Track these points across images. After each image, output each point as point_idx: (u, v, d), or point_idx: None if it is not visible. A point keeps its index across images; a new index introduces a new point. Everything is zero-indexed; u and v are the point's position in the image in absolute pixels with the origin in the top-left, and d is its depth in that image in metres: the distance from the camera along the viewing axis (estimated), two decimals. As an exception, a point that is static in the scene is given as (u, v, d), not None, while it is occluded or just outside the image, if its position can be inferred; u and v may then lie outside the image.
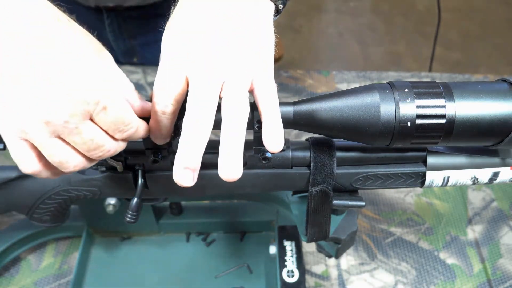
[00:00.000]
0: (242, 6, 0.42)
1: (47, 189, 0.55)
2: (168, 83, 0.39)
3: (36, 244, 0.76)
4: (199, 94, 0.38)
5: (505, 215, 0.84)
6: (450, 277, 0.76)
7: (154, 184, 0.52)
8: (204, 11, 0.41)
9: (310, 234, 0.55)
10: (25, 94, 0.34)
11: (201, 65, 0.39)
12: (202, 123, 0.37)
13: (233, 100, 0.38)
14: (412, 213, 0.84)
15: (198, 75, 0.39)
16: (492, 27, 2.59)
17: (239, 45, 0.40)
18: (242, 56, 0.40)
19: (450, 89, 0.44)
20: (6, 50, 0.34)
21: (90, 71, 0.36)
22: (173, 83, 0.39)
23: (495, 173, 0.51)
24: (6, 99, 0.35)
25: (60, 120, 0.35)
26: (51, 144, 0.36)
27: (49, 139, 0.36)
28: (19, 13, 0.34)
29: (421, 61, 2.39)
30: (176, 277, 0.74)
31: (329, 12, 2.70)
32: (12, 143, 0.37)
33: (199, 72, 0.39)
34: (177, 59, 0.40)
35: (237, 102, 0.38)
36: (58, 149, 0.37)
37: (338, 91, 0.45)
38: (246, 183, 0.52)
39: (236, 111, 0.38)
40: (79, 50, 0.36)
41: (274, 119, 0.40)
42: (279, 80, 1.05)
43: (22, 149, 0.37)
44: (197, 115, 0.38)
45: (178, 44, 0.41)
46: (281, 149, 0.40)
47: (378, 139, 0.44)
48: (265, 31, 0.43)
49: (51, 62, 0.34)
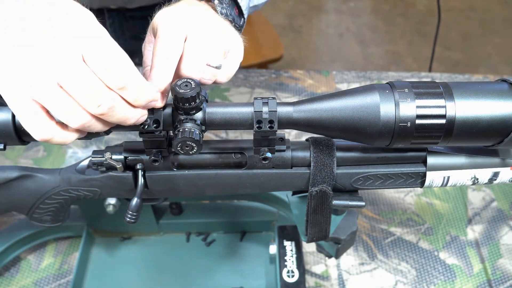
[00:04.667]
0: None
1: (47, 189, 0.55)
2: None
3: (36, 244, 0.76)
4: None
5: (505, 215, 0.84)
6: (450, 277, 0.76)
7: (154, 184, 0.52)
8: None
9: (310, 234, 0.55)
10: (24, 51, 0.38)
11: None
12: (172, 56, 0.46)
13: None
14: (412, 213, 0.84)
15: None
16: (492, 27, 2.59)
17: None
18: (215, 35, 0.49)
19: (450, 89, 0.44)
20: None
21: (81, 19, 0.39)
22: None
23: (495, 173, 0.51)
24: (8, 61, 0.38)
25: (54, 61, 0.37)
26: (53, 93, 0.38)
27: (51, 88, 0.38)
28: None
29: (421, 61, 2.39)
30: (176, 277, 0.74)
31: (329, 12, 2.70)
32: (21, 108, 0.39)
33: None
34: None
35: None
36: (60, 99, 0.39)
37: (338, 91, 0.45)
38: (246, 183, 0.52)
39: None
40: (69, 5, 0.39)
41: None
42: (279, 80, 1.05)
43: (32, 110, 0.39)
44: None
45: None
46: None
47: (378, 139, 0.44)
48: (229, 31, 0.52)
49: (42, 15, 0.38)
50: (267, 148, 0.47)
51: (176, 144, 0.44)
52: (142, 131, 0.45)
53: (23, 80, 0.38)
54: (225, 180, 0.52)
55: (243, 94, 1.01)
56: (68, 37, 0.38)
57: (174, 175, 0.52)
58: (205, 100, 0.45)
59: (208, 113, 0.45)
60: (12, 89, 0.39)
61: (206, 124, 0.45)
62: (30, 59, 0.38)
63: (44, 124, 0.40)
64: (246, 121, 0.45)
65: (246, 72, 1.06)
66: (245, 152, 0.51)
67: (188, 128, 0.43)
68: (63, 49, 0.38)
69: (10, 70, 0.38)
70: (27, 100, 0.39)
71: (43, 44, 0.38)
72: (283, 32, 2.51)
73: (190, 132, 0.43)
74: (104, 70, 0.39)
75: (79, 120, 0.40)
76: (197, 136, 0.43)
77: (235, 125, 0.45)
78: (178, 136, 0.43)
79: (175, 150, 0.44)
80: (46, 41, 0.38)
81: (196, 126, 0.44)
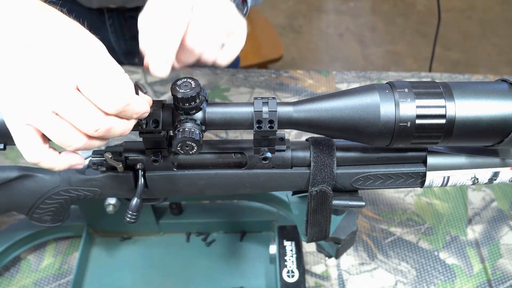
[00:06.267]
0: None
1: (47, 189, 0.55)
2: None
3: (36, 244, 0.76)
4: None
5: (505, 215, 0.84)
6: (450, 277, 0.76)
7: (154, 184, 0.52)
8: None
9: (310, 234, 0.55)
10: (19, 78, 0.37)
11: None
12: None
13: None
14: (412, 213, 0.84)
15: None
16: (492, 27, 2.59)
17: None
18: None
19: (450, 89, 0.44)
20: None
21: (74, 48, 0.38)
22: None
23: (495, 173, 0.51)
24: (6, 88, 0.38)
25: (48, 91, 0.37)
26: (49, 120, 0.38)
27: (46, 115, 0.38)
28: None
29: (421, 61, 2.39)
30: (176, 277, 0.74)
31: (329, 12, 2.70)
32: (16, 131, 0.40)
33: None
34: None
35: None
36: (56, 125, 0.39)
37: (338, 91, 0.45)
38: (246, 183, 0.52)
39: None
40: (63, 31, 0.39)
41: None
42: (279, 80, 1.05)
43: (26, 134, 0.40)
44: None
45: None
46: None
47: (378, 139, 0.44)
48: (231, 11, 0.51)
49: (39, 45, 0.38)
50: (267, 148, 0.47)
51: (176, 144, 0.44)
52: (142, 131, 0.45)
53: (17, 106, 0.38)
54: (225, 180, 0.52)
55: (243, 94, 1.01)
56: (62, 66, 0.38)
57: (174, 175, 0.52)
58: (205, 100, 0.45)
59: (208, 113, 0.45)
60: (7, 113, 0.39)
61: (206, 124, 0.45)
62: (25, 87, 0.38)
63: (37, 148, 0.40)
64: (246, 121, 0.45)
65: (246, 72, 1.06)
66: (245, 152, 0.51)
67: (188, 128, 0.43)
68: (57, 78, 0.37)
69: (5, 94, 0.38)
70: (22, 124, 0.39)
71: (37, 72, 0.37)
72: (283, 32, 2.51)
73: (190, 132, 0.43)
74: (100, 99, 0.38)
75: (76, 143, 0.40)
76: (197, 136, 0.43)
77: (235, 125, 0.45)
78: (178, 136, 0.43)
79: (175, 150, 0.45)
80: (40, 70, 0.37)
81: (196, 126, 0.44)
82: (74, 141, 0.40)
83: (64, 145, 0.40)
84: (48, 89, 0.37)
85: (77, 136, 0.39)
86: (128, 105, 0.40)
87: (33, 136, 0.40)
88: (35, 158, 0.41)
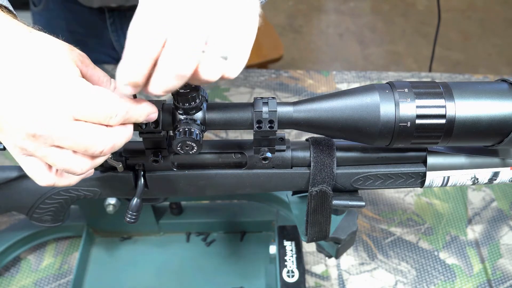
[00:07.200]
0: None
1: (47, 189, 0.55)
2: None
3: (36, 244, 0.76)
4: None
5: (505, 215, 0.84)
6: (450, 277, 0.76)
7: (154, 184, 0.52)
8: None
9: (310, 234, 0.55)
10: (9, 114, 0.37)
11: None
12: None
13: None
14: (412, 213, 0.84)
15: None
16: (492, 27, 2.59)
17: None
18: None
19: (450, 89, 0.44)
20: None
21: (60, 79, 0.37)
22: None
23: (495, 173, 0.51)
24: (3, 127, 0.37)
25: (44, 130, 0.36)
26: (49, 153, 0.38)
27: (46, 149, 0.38)
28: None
29: (421, 61, 2.39)
30: (176, 277, 0.74)
31: (329, 13, 2.70)
32: (21, 161, 0.40)
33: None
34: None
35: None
36: (58, 156, 0.38)
37: (338, 91, 0.45)
38: (246, 183, 0.52)
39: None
40: (48, 60, 0.37)
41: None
42: (279, 80, 1.05)
43: (31, 164, 0.40)
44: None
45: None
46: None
47: (378, 139, 0.44)
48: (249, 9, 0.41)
49: (23, 81, 0.36)
50: (267, 148, 0.47)
51: (176, 144, 0.44)
52: (142, 131, 0.45)
53: (17, 143, 0.38)
54: (225, 180, 0.52)
55: (243, 94, 1.01)
56: (55, 100, 0.36)
57: (174, 175, 0.52)
58: (205, 100, 0.45)
59: (208, 113, 0.45)
60: (9, 148, 0.39)
61: (206, 124, 0.45)
62: (19, 126, 0.37)
63: (45, 176, 0.41)
64: (246, 121, 0.45)
65: (246, 72, 1.06)
66: (245, 152, 0.51)
67: (188, 128, 0.43)
68: (52, 114, 0.36)
69: (4, 132, 0.38)
70: (25, 157, 0.39)
71: (30, 109, 0.36)
72: (283, 32, 2.51)
73: (190, 132, 0.43)
74: (100, 116, 0.38)
75: (82, 168, 0.40)
76: (197, 136, 0.43)
77: (235, 125, 0.45)
78: (178, 136, 0.43)
79: (175, 150, 0.44)
80: (33, 106, 0.36)
81: (196, 126, 0.44)
82: (79, 167, 0.39)
83: (70, 171, 0.39)
84: (44, 126, 0.36)
85: (81, 161, 0.39)
86: (129, 115, 0.39)
87: (38, 166, 0.40)
88: (47, 183, 0.41)
